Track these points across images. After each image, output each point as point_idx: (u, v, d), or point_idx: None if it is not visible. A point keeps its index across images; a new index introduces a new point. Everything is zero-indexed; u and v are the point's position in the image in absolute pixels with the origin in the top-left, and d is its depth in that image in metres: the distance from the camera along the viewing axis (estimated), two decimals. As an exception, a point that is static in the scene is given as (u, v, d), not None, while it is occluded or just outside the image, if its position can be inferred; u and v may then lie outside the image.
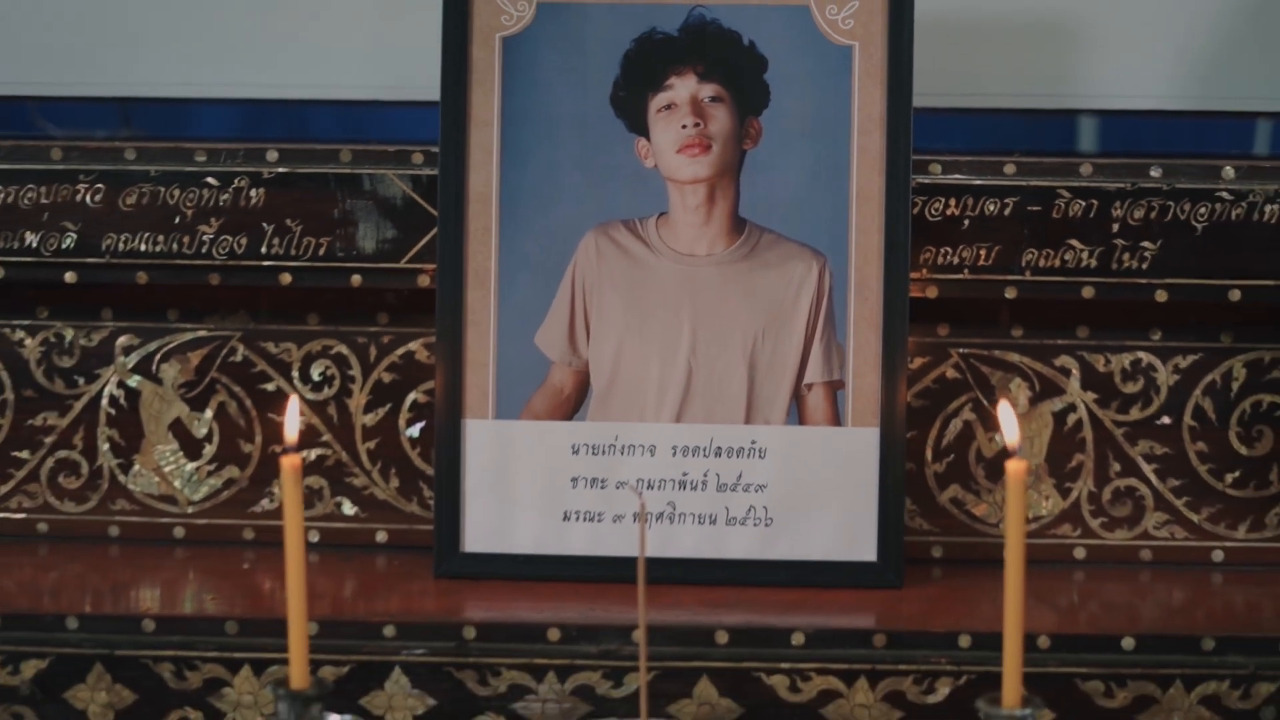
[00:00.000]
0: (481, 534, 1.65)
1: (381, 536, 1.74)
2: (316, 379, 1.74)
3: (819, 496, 1.65)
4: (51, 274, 1.73)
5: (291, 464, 1.30)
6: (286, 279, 1.71)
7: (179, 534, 1.76)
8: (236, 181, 1.71)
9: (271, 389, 1.75)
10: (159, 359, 1.78)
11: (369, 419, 1.75)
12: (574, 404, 1.66)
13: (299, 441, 1.38)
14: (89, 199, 1.71)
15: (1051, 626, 1.53)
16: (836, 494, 1.65)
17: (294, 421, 1.36)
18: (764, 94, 1.68)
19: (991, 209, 1.69)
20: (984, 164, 1.71)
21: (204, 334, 1.77)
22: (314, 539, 1.77)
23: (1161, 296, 1.69)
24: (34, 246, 1.71)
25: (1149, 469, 1.73)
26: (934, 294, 1.71)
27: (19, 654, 1.53)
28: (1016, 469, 1.27)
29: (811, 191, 1.68)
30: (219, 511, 1.77)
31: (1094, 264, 1.69)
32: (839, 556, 1.64)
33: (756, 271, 1.66)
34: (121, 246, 1.71)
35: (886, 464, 1.64)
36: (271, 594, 1.62)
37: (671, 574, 1.62)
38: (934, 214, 1.69)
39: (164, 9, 1.93)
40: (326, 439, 1.71)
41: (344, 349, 1.76)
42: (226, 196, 1.71)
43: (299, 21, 1.92)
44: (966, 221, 1.70)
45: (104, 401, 1.77)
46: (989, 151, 1.74)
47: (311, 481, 1.77)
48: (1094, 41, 1.86)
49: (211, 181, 1.70)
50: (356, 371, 1.76)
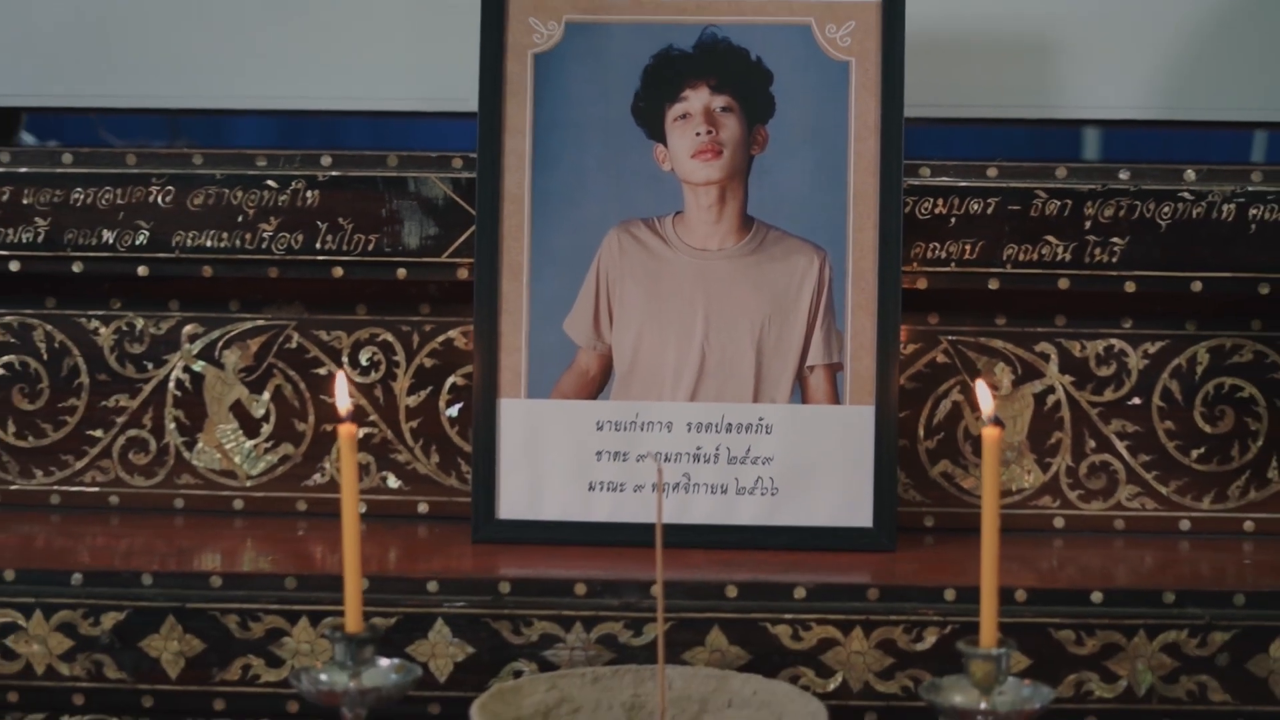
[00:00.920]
0: (514, 502, 1.73)
1: (423, 508, 1.82)
2: (364, 364, 1.81)
3: (820, 468, 1.72)
4: (125, 268, 1.79)
5: (348, 430, 1.41)
6: (338, 272, 1.78)
7: (238, 506, 1.83)
8: (294, 184, 1.78)
9: (323, 373, 1.83)
10: (221, 346, 1.84)
11: (412, 400, 1.82)
12: (598, 385, 1.74)
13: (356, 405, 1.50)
14: (160, 200, 1.78)
15: (1029, 583, 1.58)
16: (836, 466, 1.72)
17: (343, 392, 1.47)
18: (770, 104, 1.75)
19: (976, 208, 1.76)
20: (969, 168, 1.78)
21: (262, 323, 1.84)
22: (361, 510, 1.77)
23: (1130, 287, 1.76)
24: (110, 243, 1.78)
25: (1121, 445, 1.80)
26: (924, 285, 1.77)
27: (99, 607, 1.59)
28: (991, 434, 1.38)
29: (813, 192, 1.75)
30: (275, 485, 1.84)
31: (1068, 258, 1.76)
32: (838, 523, 1.71)
33: (763, 264, 1.74)
34: (189, 243, 1.78)
35: (881, 439, 1.71)
36: (323, 557, 1.68)
37: (686, 538, 1.69)
38: (924, 213, 1.76)
39: (212, 30, 1.98)
40: (373, 419, 1.78)
41: (389, 336, 1.82)
42: (284, 197, 1.78)
43: (343, 41, 1.97)
44: (953, 220, 1.77)
45: (171, 385, 1.84)
46: (973, 157, 1.81)
47: (359, 458, 1.81)
48: (1070, 59, 1.92)
49: (271, 184, 1.77)
50: (401, 357, 1.82)
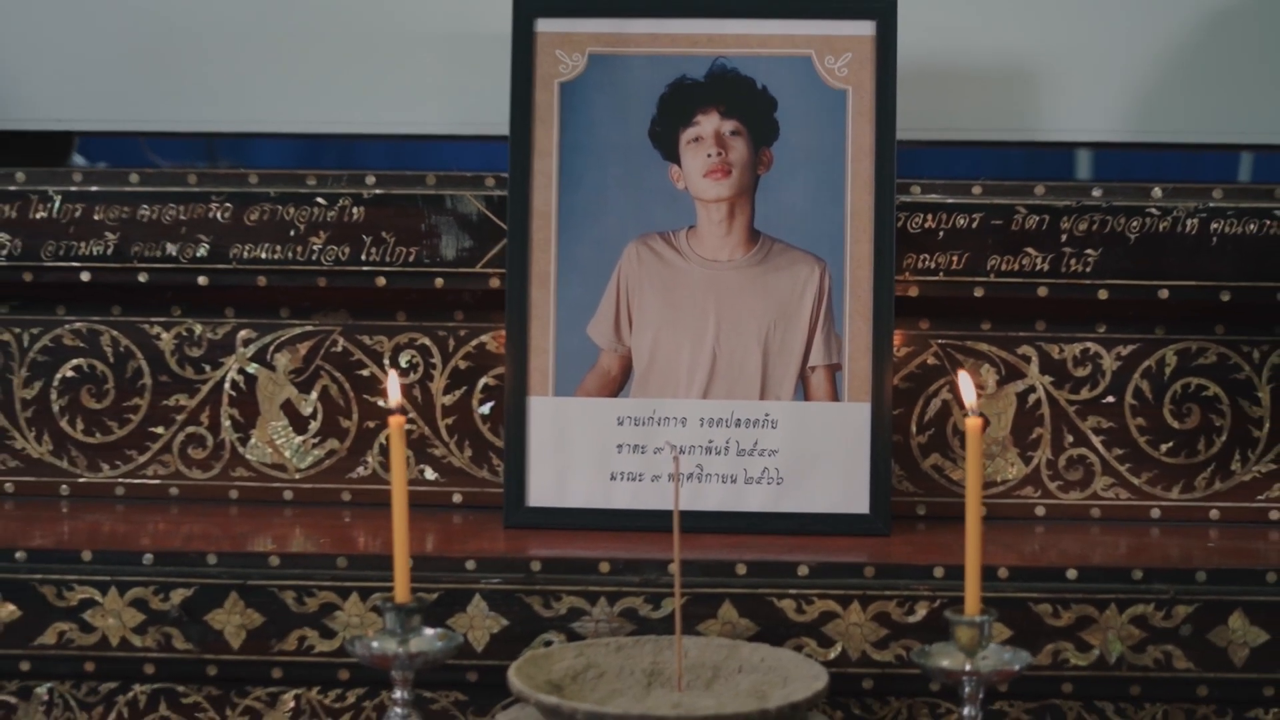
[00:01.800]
0: (543, 491, 1.78)
1: (457, 498, 1.87)
2: (404, 366, 1.86)
3: (821, 460, 1.78)
4: (187, 278, 1.84)
5: (398, 421, 1.52)
6: (381, 282, 1.83)
7: (288, 496, 1.88)
8: (341, 201, 1.83)
9: (366, 375, 1.87)
10: (273, 349, 1.89)
11: (447, 399, 1.87)
12: (619, 383, 1.80)
13: (392, 410, 1.56)
14: (219, 216, 1.84)
15: (1010, 562, 1.64)
16: (836, 458, 1.78)
17: (395, 388, 1.57)
18: (774, 129, 1.81)
19: (962, 223, 1.82)
20: (955, 186, 1.83)
21: (310, 328, 1.89)
22: None
23: (1103, 295, 1.81)
24: (173, 255, 1.83)
25: (1097, 440, 1.86)
26: (915, 293, 1.82)
27: (168, 584, 1.65)
28: (974, 424, 1.49)
29: (814, 208, 1.80)
30: (321, 477, 1.89)
31: (1046, 268, 1.81)
32: (837, 509, 1.77)
33: (769, 274, 1.80)
34: (245, 255, 1.83)
35: (876, 434, 1.77)
36: (367, 542, 1.72)
37: (700, 524, 1.75)
38: (915, 227, 1.82)
39: (252, 60, 2.04)
40: (412, 416, 1.83)
41: (427, 340, 1.87)
42: (333, 213, 1.83)
43: (387, 72, 2.02)
44: (941, 233, 1.82)
45: (226, 385, 1.89)
46: (959, 176, 1.84)
47: None
48: (1047, 86, 1.98)
49: (320, 201, 1.83)
50: (437, 359, 1.87)
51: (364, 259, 1.83)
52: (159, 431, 1.90)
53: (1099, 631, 1.64)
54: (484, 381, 1.88)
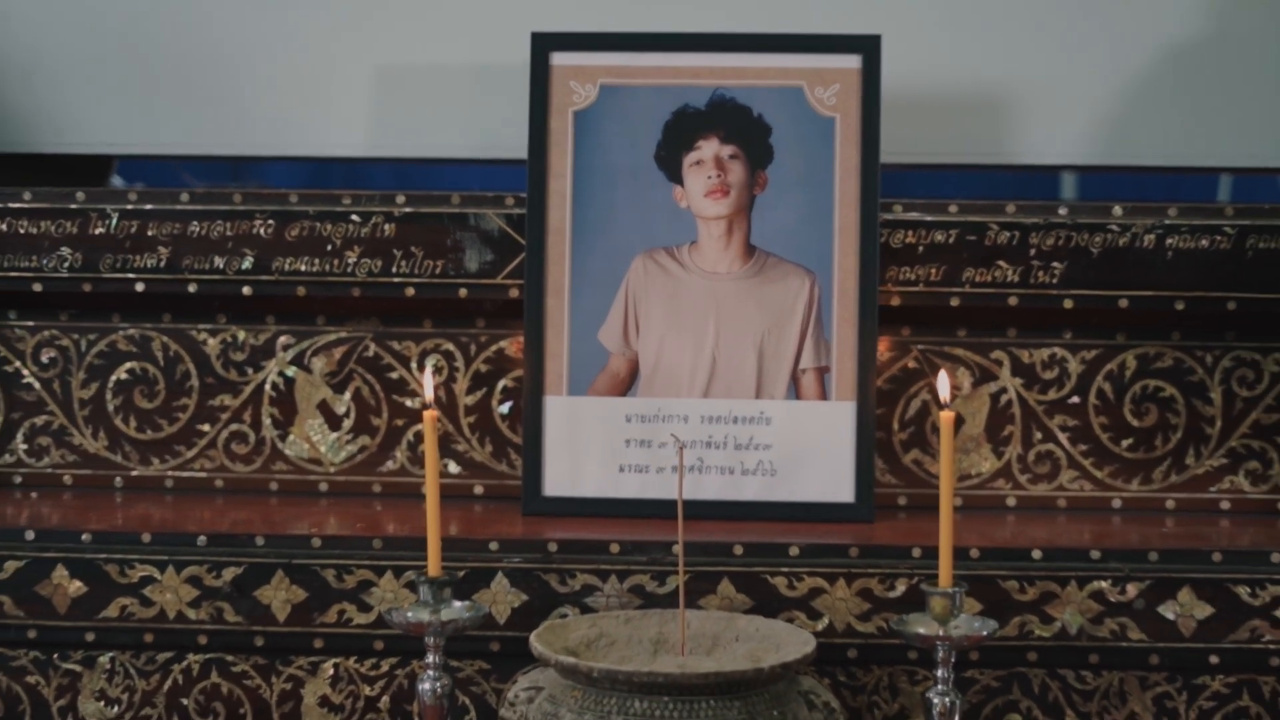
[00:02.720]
0: (558, 482, 1.86)
1: (478, 489, 1.94)
2: (430, 369, 1.92)
3: (811, 454, 1.85)
4: (232, 289, 1.91)
5: (431, 415, 1.64)
6: (410, 292, 1.90)
7: (323, 488, 1.96)
8: (373, 219, 1.90)
9: (395, 377, 1.95)
10: (310, 354, 1.96)
11: (470, 400, 1.95)
12: (627, 384, 1.87)
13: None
14: (262, 232, 1.90)
15: (982, 543, 1.72)
16: (824, 452, 1.85)
17: (429, 385, 1.68)
18: (769, 153, 1.88)
19: (940, 238, 1.88)
20: (934, 205, 1.88)
21: (344, 335, 1.96)
22: (425, 493, 1.72)
23: (1068, 304, 1.88)
24: (220, 268, 1.90)
25: (1063, 437, 1.93)
26: (897, 302, 1.89)
27: (220, 563, 1.73)
28: (947, 416, 1.59)
29: (805, 225, 1.87)
30: (354, 471, 1.96)
31: (1017, 279, 1.87)
32: (825, 499, 1.84)
33: (764, 285, 1.87)
34: (286, 268, 1.90)
35: (861, 430, 1.85)
36: (397, 528, 1.78)
37: (700, 512, 1.82)
38: (896, 242, 1.88)
39: (281, 91, 2.10)
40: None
41: (451, 346, 1.95)
42: (366, 230, 1.90)
43: (412, 101, 2.08)
44: (921, 248, 1.88)
45: (267, 387, 1.96)
46: (938, 196, 1.89)
47: (424, 449, 1.81)
48: (1019, 114, 2.04)
49: (355, 219, 1.90)
50: (460, 363, 1.95)
51: (394, 271, 1.90)
52: (205, 429, 1.97)
53: (1061, 606, 1.70)
54: (503, 383, 1.95)
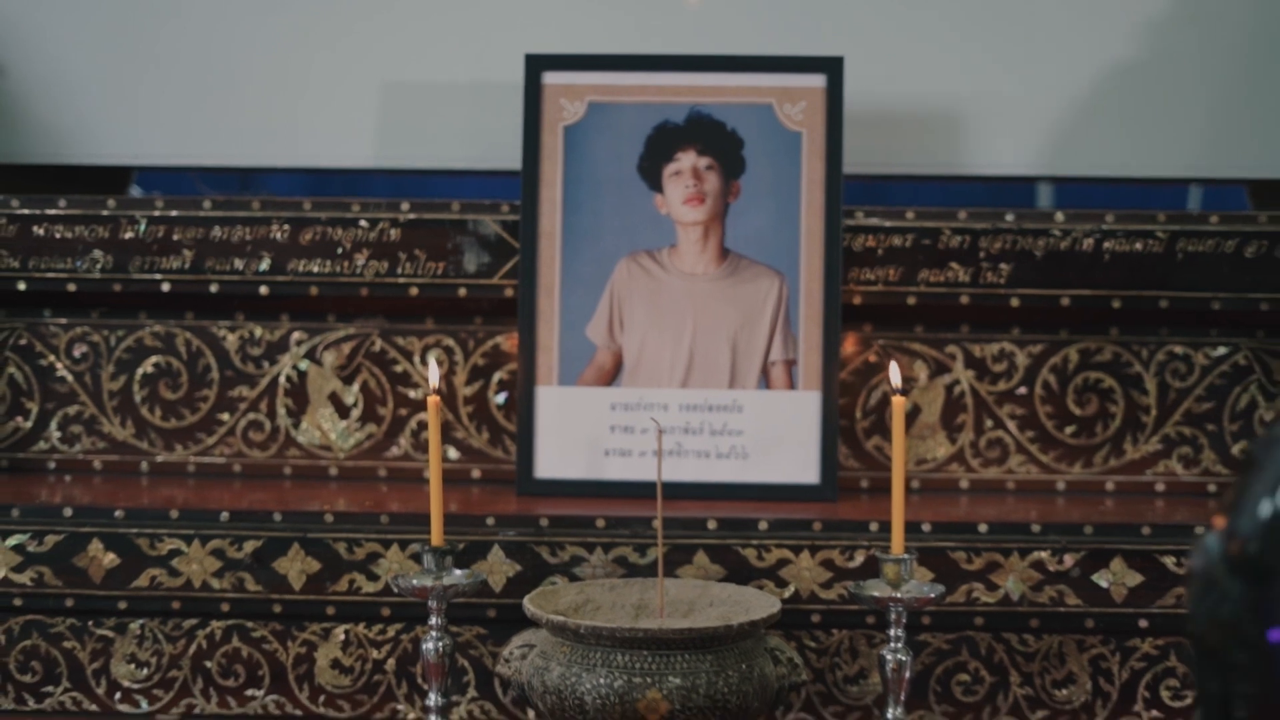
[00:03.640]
0: (548, 465, 1.93)
1: (476, 473, 2.02)
2: (432, 363, 1.92)
3: (780, 439, 1.92)
4: (250, 289, 1.98)
5: (435, 400, 1.75)
6: (414, 292, 1.97)
7: (333, 472, 2.03)
8: (380, 224, 1.96)
9: (400, 370, 2.03)
10: (321, 349, 2.03)
11: (468, 391, 2.02)
12: (612, 375, 1.94)
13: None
14: (279, 236, 1.98)
15: (933, 518, 1.79)
16: (792, 438, 1.92)
17: (435, 374, 1.78)
18: (742, 164, 1.94)
19: (898, 242, 1.95)
20: (892, 212, 1.95)
21: (353, 331, 2.03)
22: (428, 475, 1.93)
23: (1015, 303, 1.95)
24: (239, 269, 1.98)
25: (1012, 424, 2.02)
26: (859, 301, 1.96)
27: (242, 537, 1.80)
28: (899, 401, 1.69)
29: (774, 231, 1.93)
30: (362, 456, 2.04)
31: (968, 280, 1.95)
32: (792, 480, 1.92)
33: (737, 285, 1.94)
34: (300, 269, 1.97)
35: (826, 418, 1.93)
36: (402, 506, 1.84)
37: (679, 492, 1.89)
38: (858, 246, 1.95)
39: (291, 106, 2.13)
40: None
41: (451, 341, 2.02)
42: (373, 234, 1.97)
43: (410, 112, 2.11)
44: (880, 251, 1.95)
45: (281, 379, 2.04)
46: (896, 204, 1.96)
47: (427, 435, 2.00)
48: (972, 130, 2.10)
49: (363, 224, 1.97)
50: (460, 357, 2.02)
51: (399, 272, 1.97)
52: (225, 418, 2.05)
53: (1004, 574, 1.78)
54: (499, 376, 2.03)
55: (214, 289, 2.01)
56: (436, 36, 2.12)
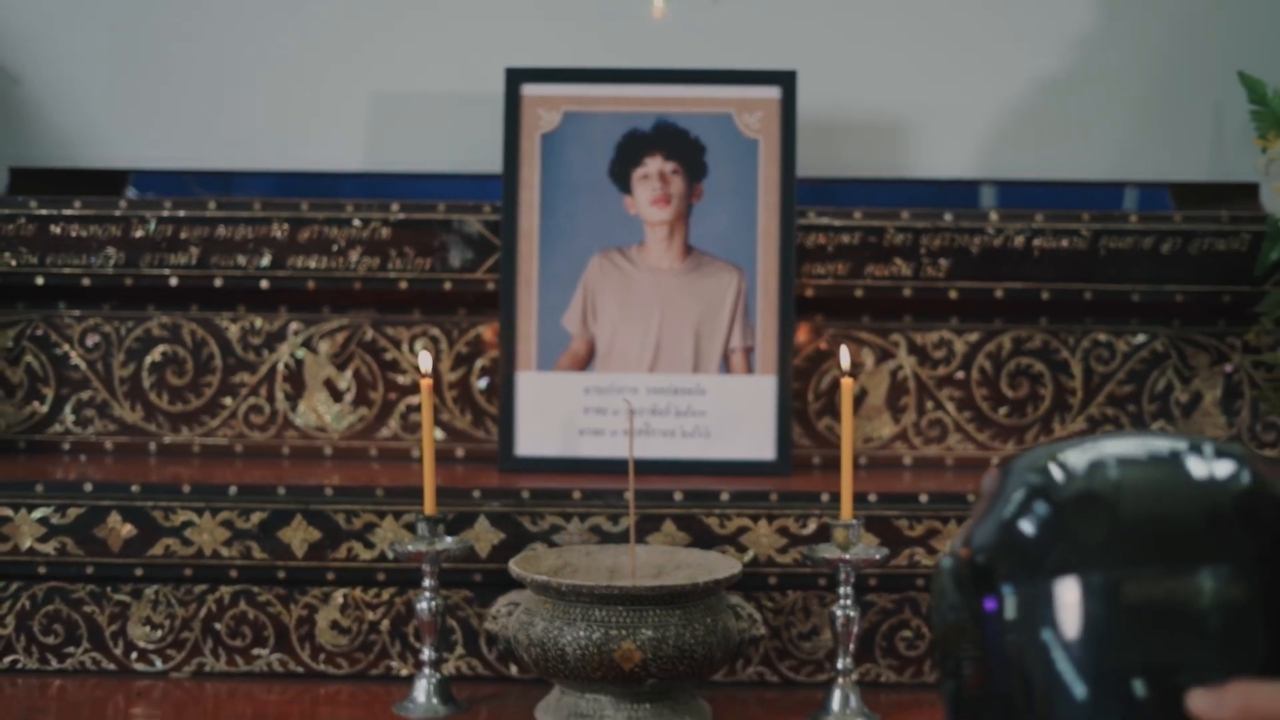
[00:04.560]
0: (528, 443, 2.01)
1: (460, 452, 2.08)
2: (419, 350, 2.05)
3: (739, 420, 2.00)
4: (252, 283, 2.04)
5: (427, 383, 1.86)
6: (403, 286, 2.03)
7: (328, 452, 2.09)
8: (372, 224, 2.03)
9: (390, 358, 2.09)
10: (317, 338, 2.09)
11: (453, 376, 2.09)
12: (586, 362, 2.01)
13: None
14: (278, 234, 2.03)
15: (878, 490, 1.87)
16: (750, 418, 2.00)
17: (426, 362, 1.88)
18: (704, 169, 2.01)
19: (846, 239, 2.03)
20: (841, 212, 2.02)
21: (346, 322, 2.09)
22: (415, 454, 2.05)
23: (954, 295, 2.02)
24: (242, 265, 2.04)
25: (950, 406, 2.09)
26: (811, 293, 2.02)
27: (249, 509, 1.87)
28: (847, 382, 1.82)
29: (734, 230, 2.01)
30: (354, 437, 2.10)
31: (910, 274, 2.02)
32: (751, 457, 2.00)
33: (700, 279, 2.02)
34: (298, 265, 2.03)
35: (781, 401, 2.00)
36: (393, 482, 1.89)
37: (648, 468, 1.96)
38: (810, 244, 2.03)
39: (290, 112, 2.17)
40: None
41: (437, 331, 2.08)
42: (366, 233, 2.03)
43: (400, 121, 2.16)
44: (831, 248, 2.03)
45: (280, 366, 2.10)
46: (845, 204, 2.03)
47: (415, 418, 2.08)
48: (914, 137, 2.16)
49: (356, 223, 2.04)
50: (445, 346, 2.09)
51: (389, 268, 2.04)
52: (227, 402, 2.11)
53: (943, 540, 1.87)
54: (480, 363, 2.09)
55: (218, 283, 2.07)
56: (424, 53, 2.17)
